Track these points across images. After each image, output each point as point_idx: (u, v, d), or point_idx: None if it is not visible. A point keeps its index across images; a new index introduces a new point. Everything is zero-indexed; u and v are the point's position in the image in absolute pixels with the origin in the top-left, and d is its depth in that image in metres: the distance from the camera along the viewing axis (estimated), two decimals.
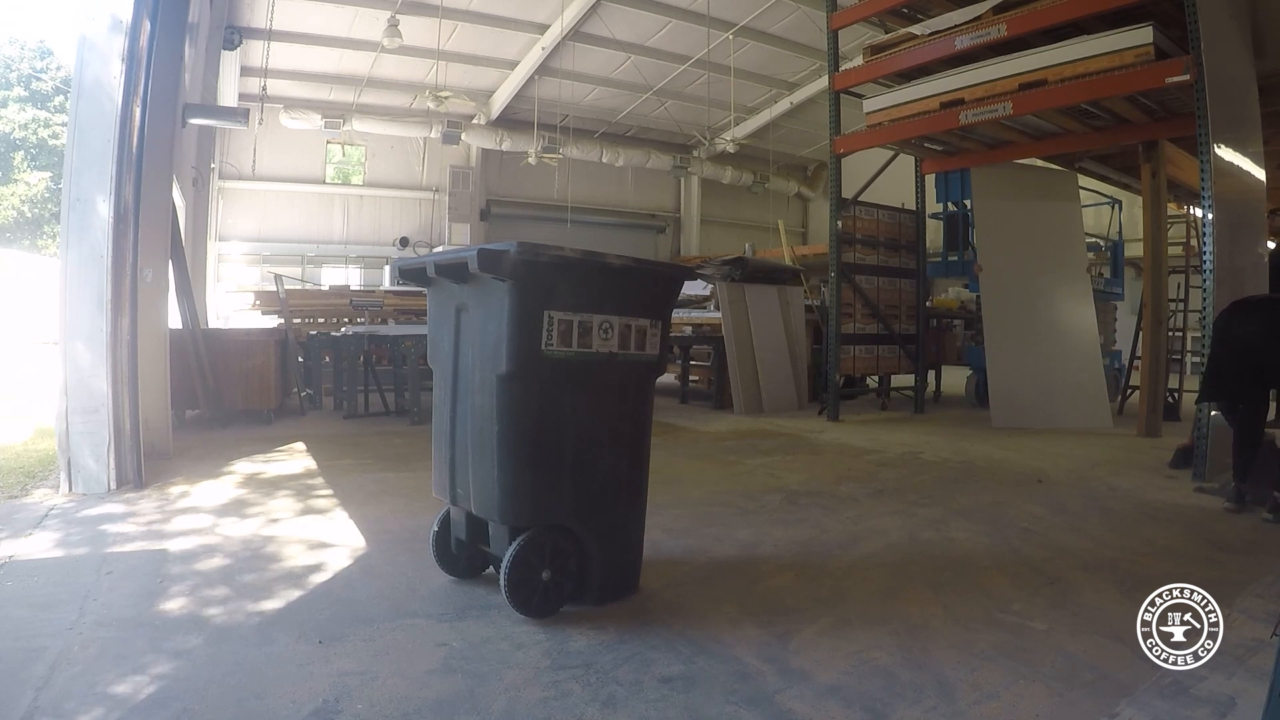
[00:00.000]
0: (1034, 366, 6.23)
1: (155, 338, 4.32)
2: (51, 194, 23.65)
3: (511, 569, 2.08)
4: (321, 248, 14.55)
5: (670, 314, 2.42)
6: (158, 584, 2.39)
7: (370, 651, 1.93)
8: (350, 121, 13.22)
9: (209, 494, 3.60)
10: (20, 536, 2.86)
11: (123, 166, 3.56)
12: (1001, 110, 5.28)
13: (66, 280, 3.57)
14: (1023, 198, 6.58)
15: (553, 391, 2.12)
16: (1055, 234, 6.33)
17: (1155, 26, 4.52)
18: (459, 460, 2.27)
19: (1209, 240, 4.24)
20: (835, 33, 6.66)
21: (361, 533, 3.00)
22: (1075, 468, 4.46)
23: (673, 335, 6.64)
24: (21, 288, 14.54)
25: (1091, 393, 6.08)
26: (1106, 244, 9.03)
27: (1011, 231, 6.50)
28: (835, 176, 6.66)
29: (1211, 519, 3.34)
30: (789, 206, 18.92)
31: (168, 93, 4.49)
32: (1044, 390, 6.17)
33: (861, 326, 7.05)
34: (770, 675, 1.83)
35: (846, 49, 7.44)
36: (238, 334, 6.34)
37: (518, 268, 2.00)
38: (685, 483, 4.01)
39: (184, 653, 1.91)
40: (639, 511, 2.36)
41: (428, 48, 11.38)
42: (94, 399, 3.55)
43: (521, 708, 1.67)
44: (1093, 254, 8.19)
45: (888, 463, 4.66)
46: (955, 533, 3.11)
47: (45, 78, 25.98)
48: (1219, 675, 1.78)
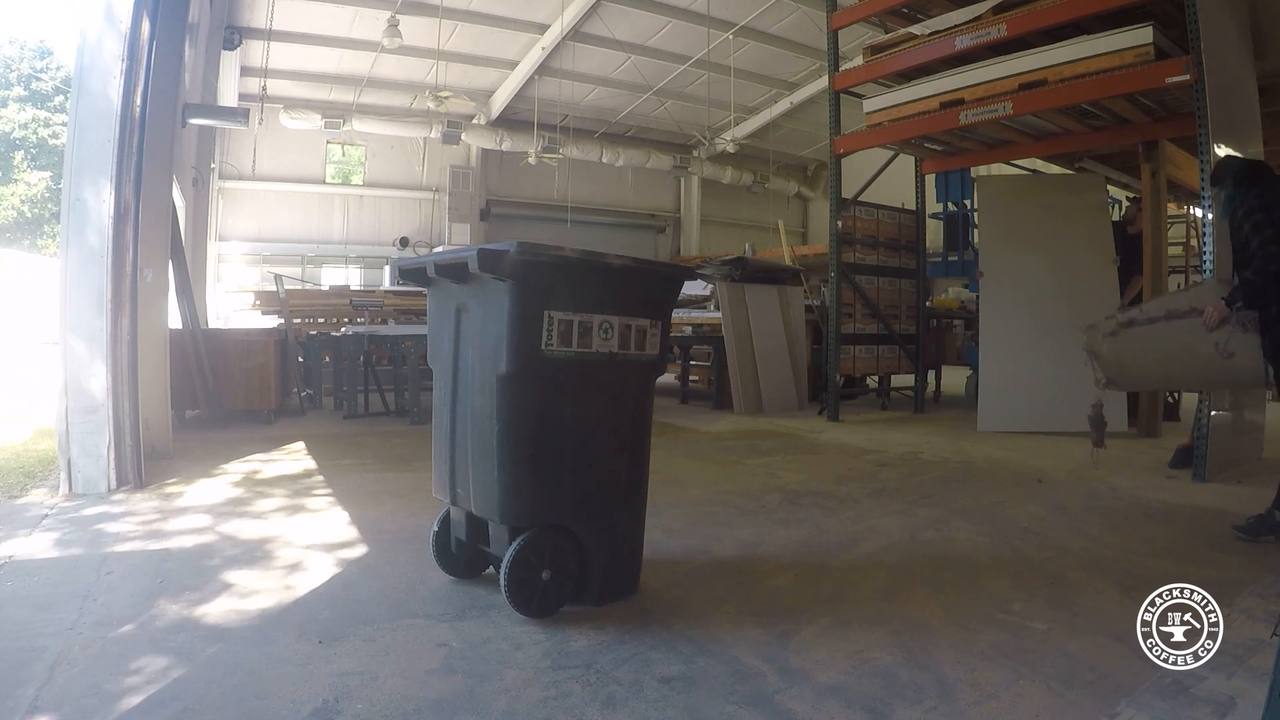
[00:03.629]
0: (1028, 371, 6.16)
1: (155, 338, 4.32)
2: (51, 194, 23.66)
3: (511, 569, 2.08)
4: (321, 248, 14.55)
5: (670, 314, 2.42)
6: (158, 584, 2.39)
7: (370, 651, 1.93)
8: (350, 121, 13.22)
9: (209, 494, 3.60)
10: (20, 536, 2.87)
11: (123, 166, 3.56)
12: (1001, 110, 5.28)
13: (66, 280, 3.57)
14: (1031, 203, 6.49)
15: (553, 391, 2.12)
16: (1066, 240, 6.23)
17: (1155, 26, 4.52)
18: (459, 460, 2.27)
19: (1209, 240, 4.24)
20: (835, 33, 6.66)
21: (361, 533, 3.00)
22: (1075, 468, 4.46)
23: (673, 335, 6.64)
24: (21, 288, 14.54)
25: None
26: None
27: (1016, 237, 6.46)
28: (835, 176, 6.66)
29: (1211, 519, 3.34)
30: (789, 206, 18.92)
31: (168, 93, 4.49)
32: (1036, 395, 6.09)
33: (861, 326, 7.04)
34: (770, 675, 1.83)
35: (846, 49, 7.44)
36: (238, 334, 6.34)
37: (518, 268, 2.00)
38: (685, 483, 4.01)
39: (184, 653, 1.91)
40: (639, 511, 2.36)
41: (428, 48, 11.38)
42: (94, 399, 3.55)
43: (521, 708, 1.67)
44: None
45: (888, 463, 4.66)
46: (955, 533, 3.11)
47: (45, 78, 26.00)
48: (1219, 675, 1.78)
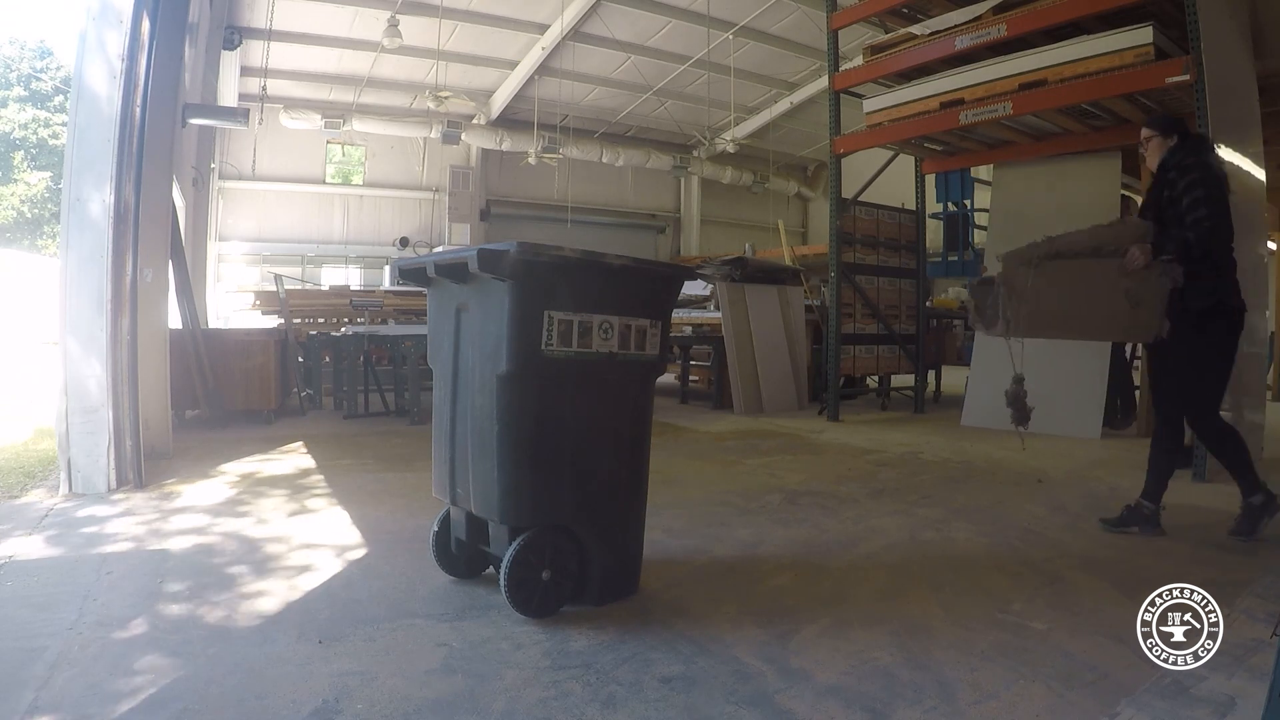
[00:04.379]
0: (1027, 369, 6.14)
1: (155, 338, 4.32)
2: (51, 194, 23.66)
3: (511, 569, 2.08)
4: (321, 248, 14.56)
5: (670, 314, 2.42)
6: (157, 584, 2.39)
7: (370, 651, 1.93)
8: (350, 121, 13.22)
9: (209, 494, 3.60)
10: (20, 536, 2.86)
11: (123, 166, 3.56)
12: (1001, 110, 5.28)
13: (66, 280, 3.56)
14: (1044, 192, 6.46)
15: (553, 391, 2.12)
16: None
17: (1155, 26, 4.52)
18: (459, 460, 2.27)
19: None
20: (835, 33, 6.66)
21: (361, 533, 3.00)
22: (1075, 468, 4.46)
23: (673, 335, 6.63)
24: (21, 288, 14.54)
25: (1087, 400, 5.98)
26: None
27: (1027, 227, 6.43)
28: (835, 176, 6.66)
29: (1212, 519, 3.33)
30: (789, 206, 18.92)
31: (168, 93, 4.49)
32: (1034, 395, 6.07)
33: (861, 326, 7.05)
34: (770, 675, 1.83)
35: (846, 49, 7.44)
36: (238, 334, 6.34)
37: (518, 268, 2.00)
38: (685, 483, 4.01)
39: (184, 653, 1.91)
40: (639, 511, 2.36)
41: (428, 48, 11.39)
42: (94, 399, 3.55)
43: (521, 708, 1.67)
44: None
45: (888, 463, 4.66)
46: (955, 533, 3.11)
47: (45, 78, 26.01)
48: (1219, 675, 1.78)
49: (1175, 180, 2.97)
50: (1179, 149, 3.04)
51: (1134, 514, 3.11)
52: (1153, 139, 3.12)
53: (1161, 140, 3.09)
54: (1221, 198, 2.89)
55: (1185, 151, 3.02)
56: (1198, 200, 2.87)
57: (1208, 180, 2.90)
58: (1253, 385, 4.88)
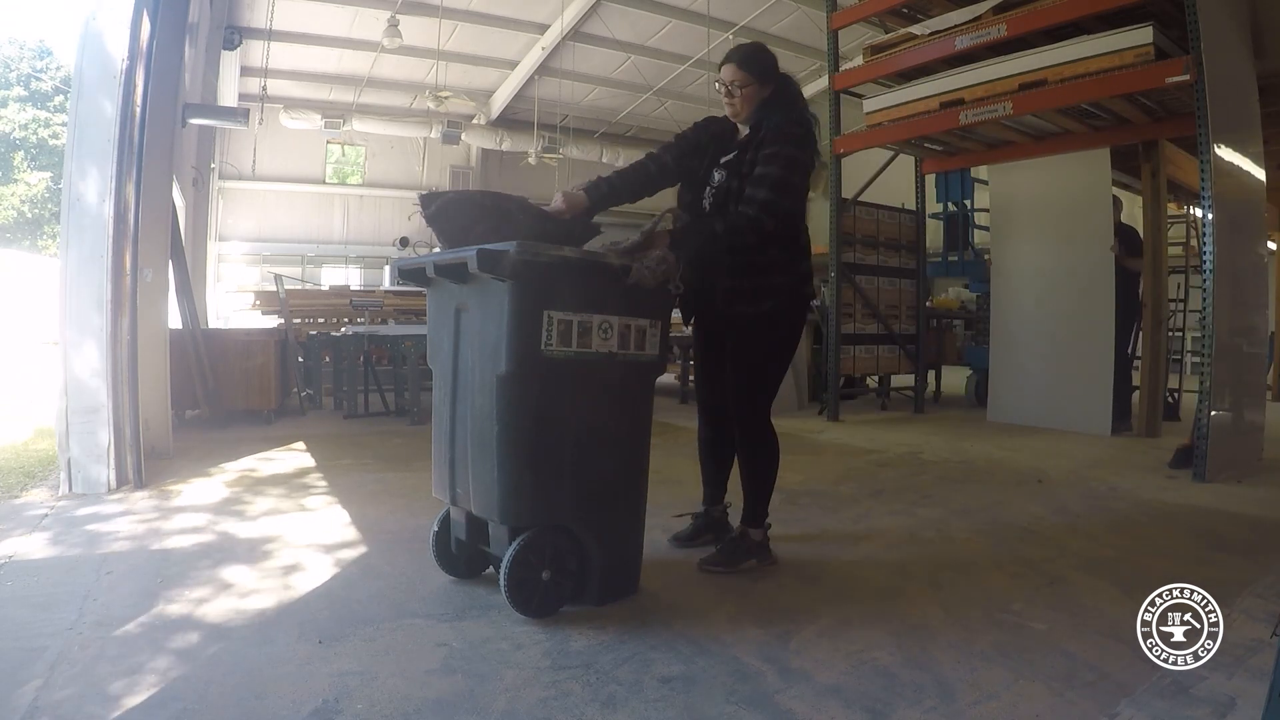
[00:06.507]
0: (1038, 365, 6.20)
1: (155, 338, 4.32)
2: (51, 194, 23.67)
3: (511, 569, 2.08)
4: (321, 248, 14.57)
5: (670, 314, 2.42)
6: (157, 584, 2.39)
7: (370, 651, 1.93)
8: (350, 121, 13.23)
9: (209, 494, 3.60)
10: (20, 536, 2.86)
11: (123, 166, 3.56)
12: (1001, 110, 5.28)
13: (66, 280, 3.56)
14: (1042, 189, 6.47)
15: (553, 391, 2.12)
16: (1076, 225, 6.17)
17: (1155, 26, 4.52)
18: (459, 460, 2.27)
19: (1209, 240, 4.24)
20: (835, 33, 6.66)
21: (361, 533, 3.00)
22: (1075, 468, 4.46)
23: (673, 335, 6.62)
24: (21, 288, 14.55)
25: (1095, 397, 6.01)
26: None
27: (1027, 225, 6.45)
28: (835, 176, 6.66)
29: (1212, 519, 3.33)
30: None
31: (168, 92, 4.48)
32: (1045, 390, 6.14)
33: (861, 326, 7.04)
34: (770, 675, 1.83)
35: (846, 49, 7.43)
36: (238, 334, 6.34)
37: (517, 267, 2.00)
38: (685, 483, 4.00)
39: (184, 653, 1.91)
40: (639, 511, 2.36)
41: (428, 48, 11.40)
42: (94, 399, 3.55)
43: (521, 707, 1.67)
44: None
45: (888, 463, 4.66)
46: (955, 533, 3.11)
47: (45, 78, 26.02)
48: (1219, 675, 1.78)
49: (760, 152, 2.50)
50: (781, 113, 2.55)
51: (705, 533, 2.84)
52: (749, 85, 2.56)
53: (743, 72, 2.56)
54: (795, 185, 2.48)
55: (786, 126, 2.51)
56: (773, 188, 2.43)
57: (791, 166, 2.46)
58: (1253, 385, 4.89)
